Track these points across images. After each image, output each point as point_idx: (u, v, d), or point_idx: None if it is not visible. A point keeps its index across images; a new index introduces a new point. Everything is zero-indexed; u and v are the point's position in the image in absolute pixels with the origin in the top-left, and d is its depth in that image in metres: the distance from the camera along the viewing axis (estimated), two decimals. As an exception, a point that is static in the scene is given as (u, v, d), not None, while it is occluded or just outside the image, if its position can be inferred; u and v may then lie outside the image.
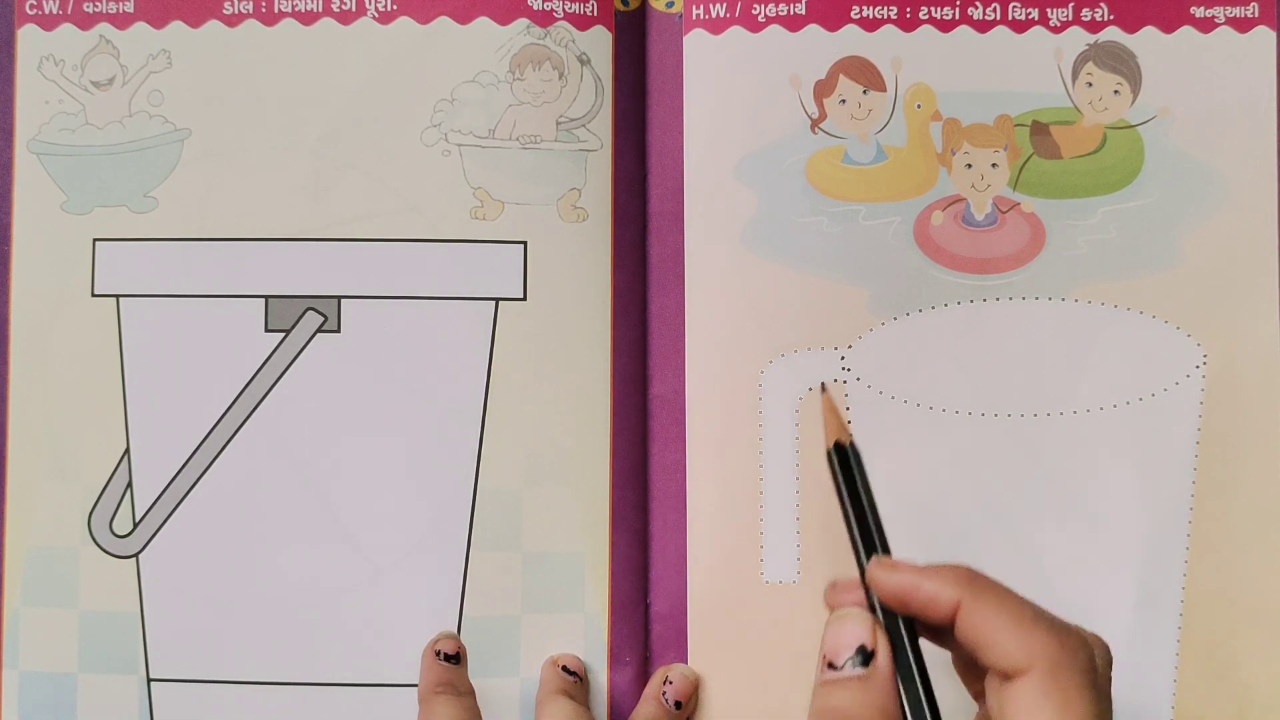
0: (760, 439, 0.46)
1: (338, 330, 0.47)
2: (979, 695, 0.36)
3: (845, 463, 0.37)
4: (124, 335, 0.47)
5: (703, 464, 0.46)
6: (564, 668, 0.45)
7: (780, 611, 0.46)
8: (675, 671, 0.46)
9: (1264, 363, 0.46)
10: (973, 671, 0.35)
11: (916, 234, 0.47)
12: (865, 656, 0.33)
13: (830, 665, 0.34)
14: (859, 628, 0.34)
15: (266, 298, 0.47)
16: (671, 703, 0.45)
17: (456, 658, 0.44)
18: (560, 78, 0.47)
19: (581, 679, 0.46)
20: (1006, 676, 0.32)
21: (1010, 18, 0.47)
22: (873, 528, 0.36)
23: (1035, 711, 0.31)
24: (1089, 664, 0.32)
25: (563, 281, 0.47)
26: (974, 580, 0.33)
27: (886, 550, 0.36)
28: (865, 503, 0.36)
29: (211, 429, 0.46)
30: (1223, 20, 0.47)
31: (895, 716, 0.33)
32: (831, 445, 0.37)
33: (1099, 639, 0.35)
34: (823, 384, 0.41)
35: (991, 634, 0.32)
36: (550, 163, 0.47)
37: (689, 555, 0.46)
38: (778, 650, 0.46)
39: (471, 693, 0.44)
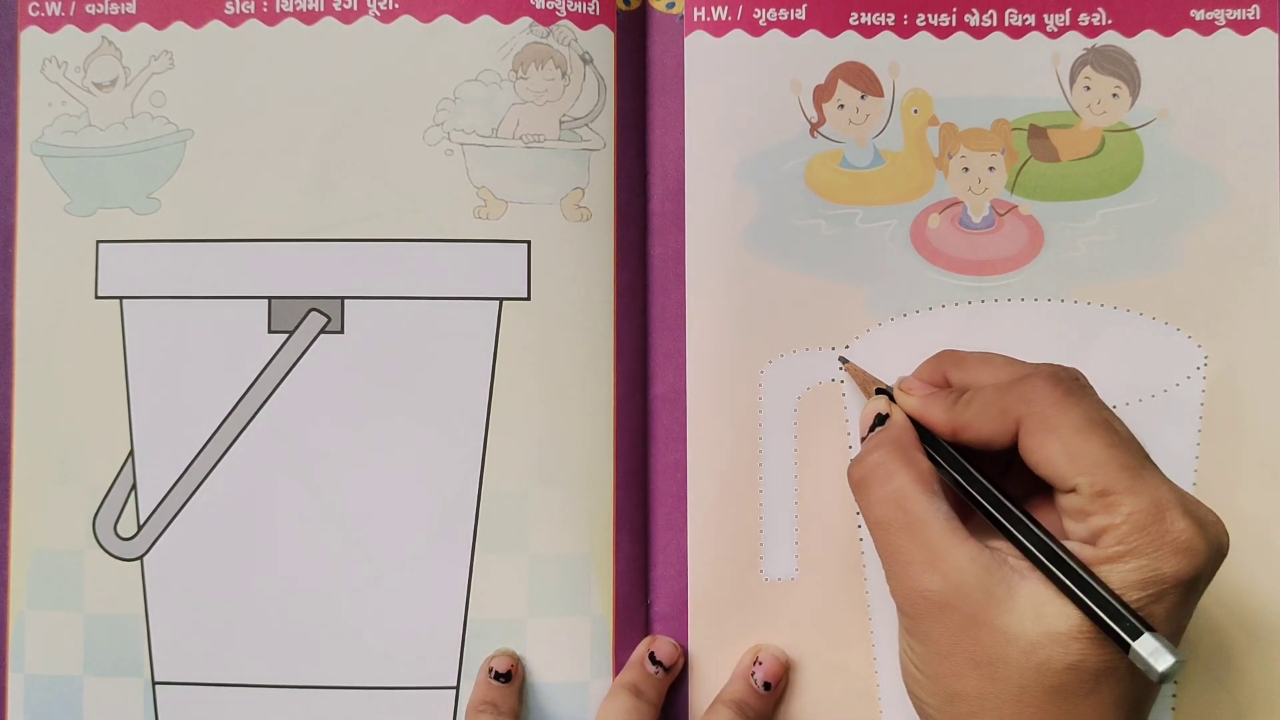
0: (760, 438, 0.46)
1: (341, 331, 0.46)
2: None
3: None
4: (127, 337, 0.47)
5: (703, 463, 0.46)
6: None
7: (780, 609, 0.46)
8: (766, 652, 0.45)
9: (1265, 364, 0.46)
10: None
11: (913, 236, 0.47)
12: (882, 420, 0.41)
13: (862, 440, 0.41)
14: (877, 404, 0.42)
15: (270, 299, 0.46)
16: (760, 684, 0.45)
17: (508, 675, 0.44)
18: (563, 76, 0.47)
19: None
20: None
21: (1007, 24, 0.47)
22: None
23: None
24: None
25: (567, 281, 0.47)
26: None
27: None
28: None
29: (215, 431, 0.46)
30: (1223, 22, 0.47)
31: (911, 445, 0.39)
32: None
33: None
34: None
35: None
36: (553, 162, 0.47)
37: (689, 554, 0.46)
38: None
39: (514, 713, 0.44)
